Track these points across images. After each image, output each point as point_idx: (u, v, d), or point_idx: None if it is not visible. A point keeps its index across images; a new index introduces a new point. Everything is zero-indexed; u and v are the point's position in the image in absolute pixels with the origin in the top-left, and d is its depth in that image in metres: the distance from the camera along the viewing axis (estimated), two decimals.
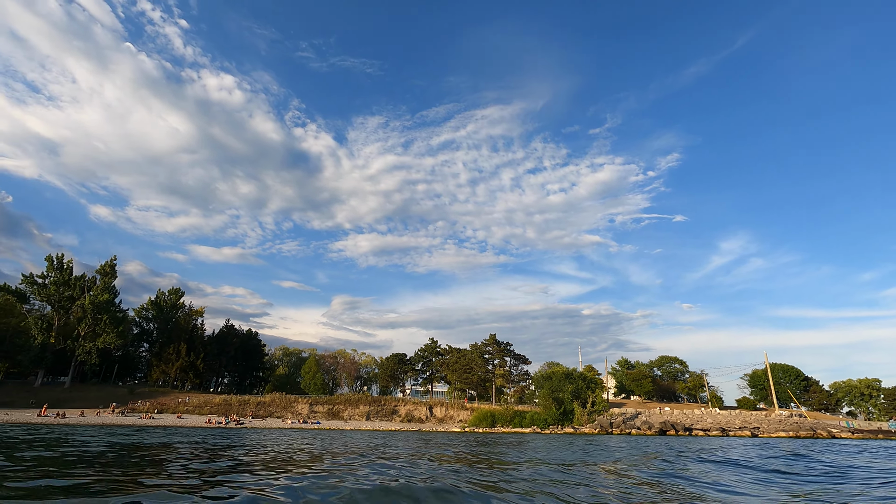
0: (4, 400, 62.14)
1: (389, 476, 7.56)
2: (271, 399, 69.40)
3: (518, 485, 6.88)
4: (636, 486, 7.38)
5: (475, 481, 7.16)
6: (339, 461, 10.56)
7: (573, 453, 15.40)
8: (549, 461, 11.69)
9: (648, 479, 8.50)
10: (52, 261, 73.37)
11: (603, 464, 11.28)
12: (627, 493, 6.73)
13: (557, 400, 61.44)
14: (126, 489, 5.82)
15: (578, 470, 9.56)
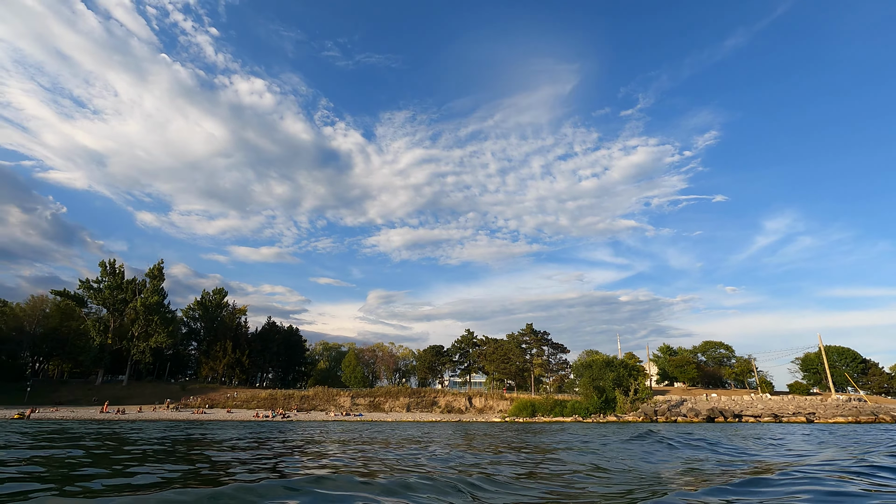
0: (69, 398, 66.02)
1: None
2: (314, 392, 71.27)
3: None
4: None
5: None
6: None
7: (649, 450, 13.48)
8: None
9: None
10: (106, 266, 77.36)
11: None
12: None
13: (598, 388, 60.52)
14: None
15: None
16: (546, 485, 5.81)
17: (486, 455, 10.03)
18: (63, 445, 11.32)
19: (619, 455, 9.73)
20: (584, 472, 7.07)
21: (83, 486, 5.30)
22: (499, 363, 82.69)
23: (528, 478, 6.41)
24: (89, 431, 19.12)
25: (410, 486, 4.98)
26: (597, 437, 16.94)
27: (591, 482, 6.12)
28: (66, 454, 9.28)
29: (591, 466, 7.87)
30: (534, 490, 5.39)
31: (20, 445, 11.10)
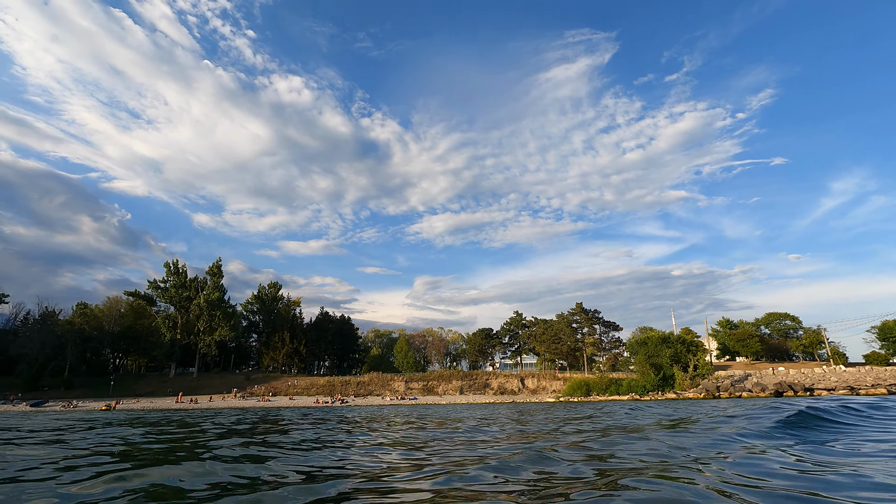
0: (147, 390, 71.24)
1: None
2: (369, 378, 73.43)
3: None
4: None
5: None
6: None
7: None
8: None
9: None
10: (170, 266, 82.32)
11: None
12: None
13: (655, 365, 58.87)
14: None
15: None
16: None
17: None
18: (200, 430, 12.20)
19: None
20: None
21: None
22: (549, 343, 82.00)
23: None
24: (196, 418, 20.54)
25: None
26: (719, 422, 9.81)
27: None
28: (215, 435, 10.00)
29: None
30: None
31: (167, 430, 12.07)
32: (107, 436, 10.72)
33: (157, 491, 4.17)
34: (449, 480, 4.38)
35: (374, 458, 6.41)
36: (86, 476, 4.86)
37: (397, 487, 4.22)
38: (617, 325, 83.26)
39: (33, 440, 9.97)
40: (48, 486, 4.40)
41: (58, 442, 9.35)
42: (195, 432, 11.63)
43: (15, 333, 73.49)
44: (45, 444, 9.02)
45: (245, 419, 17.12)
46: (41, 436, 11.23)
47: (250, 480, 4.63)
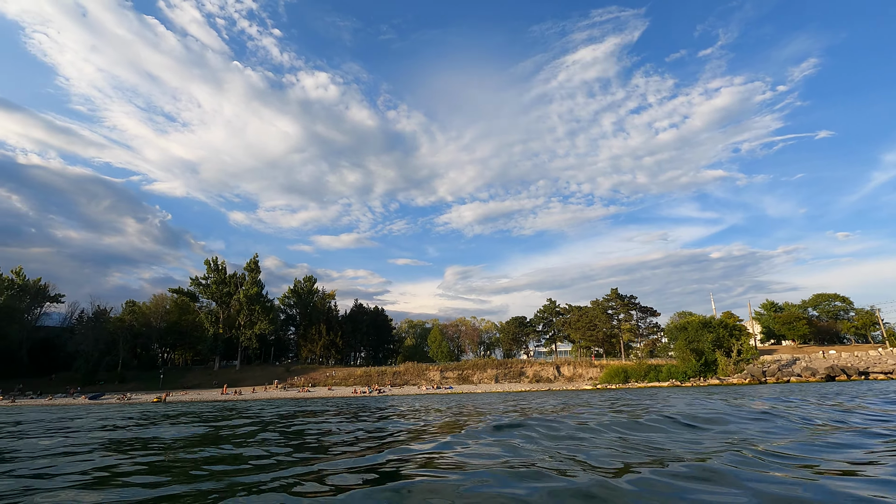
0: (194, 382, 74.24)
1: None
2: (405, 368, 74.33)
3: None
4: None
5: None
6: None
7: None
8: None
9: None
10: (210, 264, 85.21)
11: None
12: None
13: (696, 351, 57.23)
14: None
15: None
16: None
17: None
18: (261, 421, 12.63)
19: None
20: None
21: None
22: (584, 331, 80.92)
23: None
24: (251, 409, 21.31)
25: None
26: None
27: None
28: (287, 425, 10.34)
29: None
30: None
31: (241, 421, 12.58)
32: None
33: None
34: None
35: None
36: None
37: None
38: (654, 311, 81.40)
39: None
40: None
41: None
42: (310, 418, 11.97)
43: (72, 331, 77.88)
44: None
45: (307, 409, 17.52)
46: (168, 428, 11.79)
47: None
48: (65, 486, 4.26)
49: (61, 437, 9.03)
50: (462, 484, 3.67)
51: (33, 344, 77.92)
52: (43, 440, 8.71)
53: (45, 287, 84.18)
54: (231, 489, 3.85)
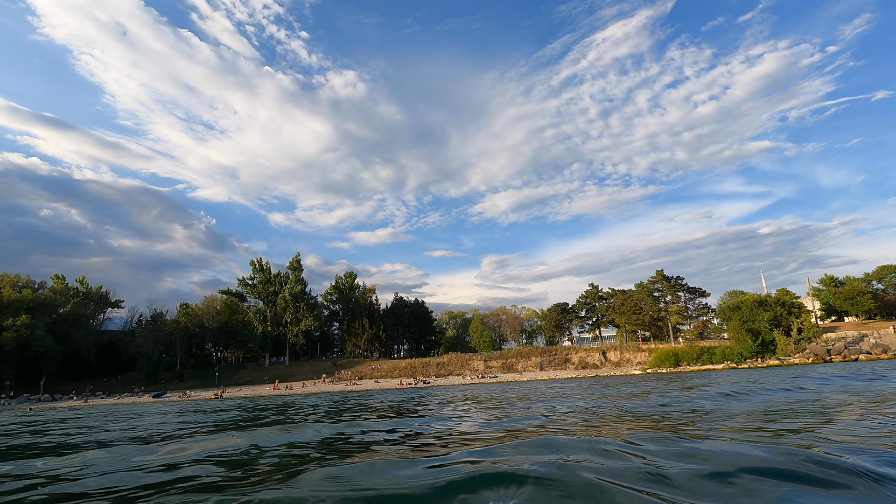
0: (247, 379, 77.14)
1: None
2: (448, 359, 74.68)
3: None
4: None
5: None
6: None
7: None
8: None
9: None
10: (255, 265, 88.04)
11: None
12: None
13: (752, 331, 54.69)
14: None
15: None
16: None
17: None
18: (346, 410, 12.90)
19: None
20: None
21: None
22: (630, 315, 78.87)
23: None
24: (314, 402, 21.90)
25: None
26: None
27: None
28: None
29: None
30: None
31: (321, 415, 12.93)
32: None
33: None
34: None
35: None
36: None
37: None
38: (703, 291, 78.26)
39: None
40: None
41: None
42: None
43: (133, 334, 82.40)
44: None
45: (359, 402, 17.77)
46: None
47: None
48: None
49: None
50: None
51: (99, 348, 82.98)
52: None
53: (107, 294, 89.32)
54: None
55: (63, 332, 72.61)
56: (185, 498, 3.31)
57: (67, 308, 77.86)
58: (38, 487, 4.17)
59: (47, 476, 4.76)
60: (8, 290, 71.22)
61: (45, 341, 67.83)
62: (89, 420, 16.79)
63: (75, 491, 3.91)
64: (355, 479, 3.42)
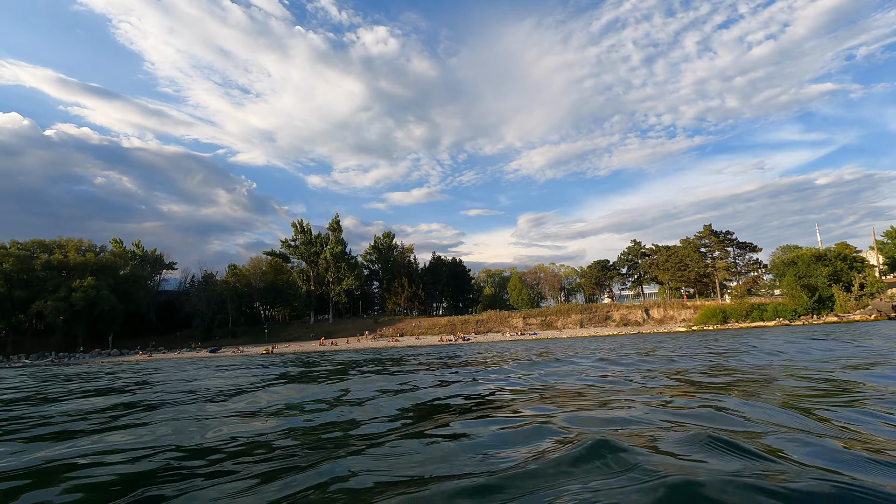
0: (294, 335, 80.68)
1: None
2: (488, 316, 75.35)
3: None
4: None
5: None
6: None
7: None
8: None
9: None
10: (297, 226, 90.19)
11: None
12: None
13: (808, 287, 52.05)
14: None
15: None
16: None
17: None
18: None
19: None
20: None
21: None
22: (674, 271, 76.53)
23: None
24: (361, 359, 22.66)
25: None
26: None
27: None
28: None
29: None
30: None
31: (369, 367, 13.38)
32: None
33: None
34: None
35: None
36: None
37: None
38: (754, 246, 74.63)
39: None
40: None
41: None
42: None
43: (187, 294, 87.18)
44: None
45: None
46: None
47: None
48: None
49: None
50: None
51: (158, 306, 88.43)
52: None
53: (161, 256, 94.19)
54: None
55: (125, 293, 77.52)
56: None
57: (127, 270, 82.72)
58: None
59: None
60: (73, 254, 76.12)
61: (110, 301, 72.73)
62: (184, 371, 17.85)
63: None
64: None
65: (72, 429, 4.99)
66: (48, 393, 10.23)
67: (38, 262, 72.61)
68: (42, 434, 4.79)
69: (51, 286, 71.32)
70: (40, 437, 4.59)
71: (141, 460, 3.32)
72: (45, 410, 6.84)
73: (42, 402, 8.33)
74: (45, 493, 2.69)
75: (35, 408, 7.27)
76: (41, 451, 3.83)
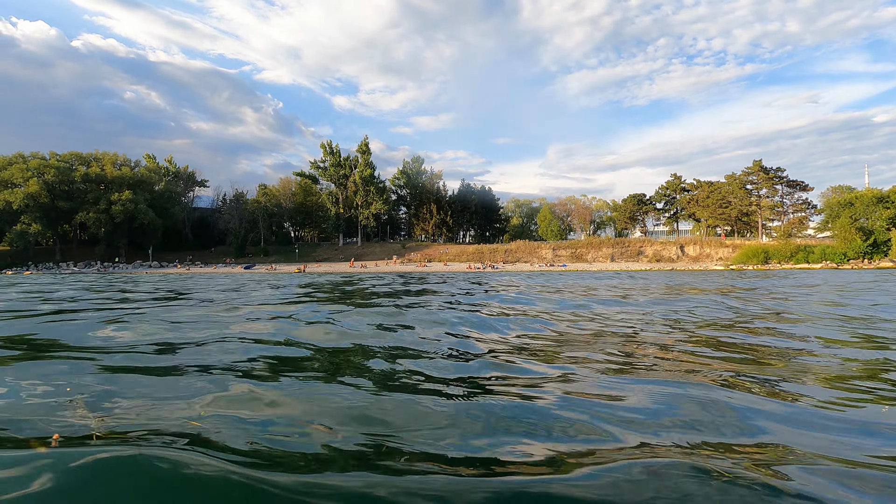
0: (323, 256, 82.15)
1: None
2: (516, 246, 74.70)
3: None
4: None
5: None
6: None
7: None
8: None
9: None
10: (326, 147, 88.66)
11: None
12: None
13: (863, 230, 49.04)
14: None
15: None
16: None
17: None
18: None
19: None
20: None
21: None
22: (714, 208, 73.23)
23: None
24: (396, 280, 22.49)
25: None
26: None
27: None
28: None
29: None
30: None
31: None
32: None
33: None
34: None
35: None
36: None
37: None
38: (805, 185, 70.25)
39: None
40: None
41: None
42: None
43: (220, 212, 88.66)
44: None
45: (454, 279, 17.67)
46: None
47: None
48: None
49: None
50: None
51: (193, 223, 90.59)
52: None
53: (193, 173, 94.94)
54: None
55: (161, 207, 79.23)
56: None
57: (161, 186, 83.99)
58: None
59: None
60: (110, 168, 77.26)
61: (148, 214, 74.61)
62: (230, 280, 17.91)
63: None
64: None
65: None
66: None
67: (77, 174, 74.07)
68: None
69: (91, 198, 73.26)
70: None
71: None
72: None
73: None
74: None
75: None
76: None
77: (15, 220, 68.27)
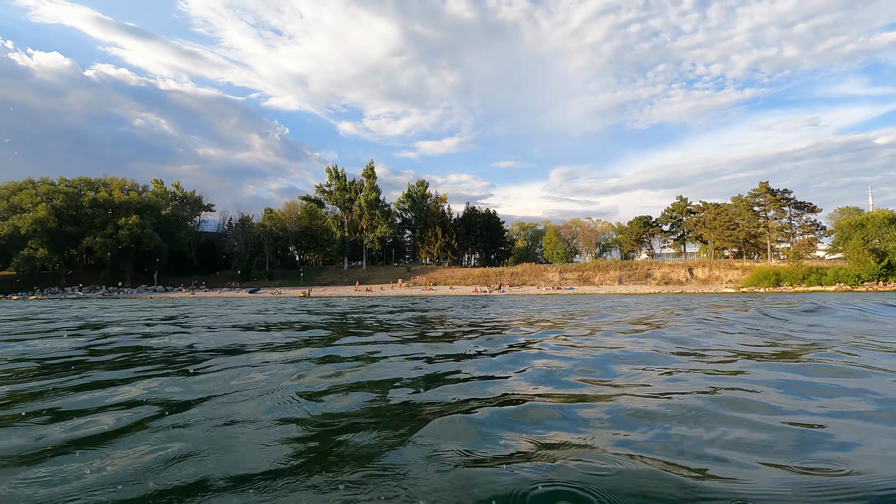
0: (328, 280, 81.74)
1: None
2: (522, 269, 74.10)
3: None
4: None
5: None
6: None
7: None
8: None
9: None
10: (331, 172, 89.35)
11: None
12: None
13: (877, 252, 48.23)
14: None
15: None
16: None
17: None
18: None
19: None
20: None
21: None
22: (721, 230, 72.65)
23: None
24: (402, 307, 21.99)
25: None
26: None
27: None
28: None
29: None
30: None
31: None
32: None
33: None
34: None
35: None
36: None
37: None
38: (813, 207, 69.77)
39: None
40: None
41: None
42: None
43: (225, 236, 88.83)
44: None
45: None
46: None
47: None
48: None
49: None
50: None
51: (199, 247, 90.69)
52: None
53: (200, 198, 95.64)
54: None
55: (167, 232, 79.47)
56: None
57: (168, 210, 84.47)
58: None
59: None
60: (118, 193, 77.91)
61: (154, 239, 74.77)
62: (238, 307, 17.49)
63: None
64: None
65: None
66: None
67: (85, 199, 74.67)
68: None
69: (98, 223, 73.62)
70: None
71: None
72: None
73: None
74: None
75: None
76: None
77: (22, 245, 68.50)
